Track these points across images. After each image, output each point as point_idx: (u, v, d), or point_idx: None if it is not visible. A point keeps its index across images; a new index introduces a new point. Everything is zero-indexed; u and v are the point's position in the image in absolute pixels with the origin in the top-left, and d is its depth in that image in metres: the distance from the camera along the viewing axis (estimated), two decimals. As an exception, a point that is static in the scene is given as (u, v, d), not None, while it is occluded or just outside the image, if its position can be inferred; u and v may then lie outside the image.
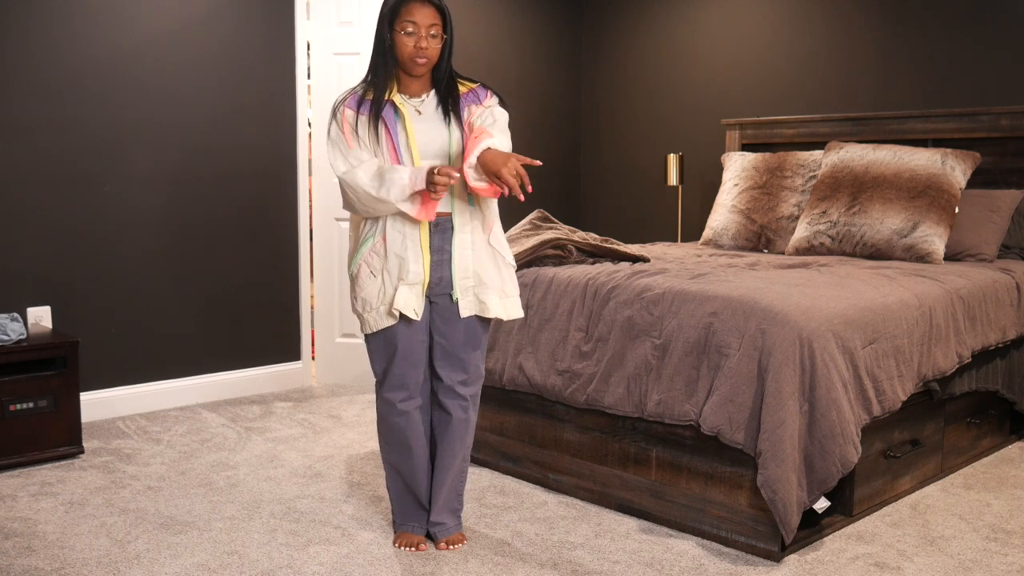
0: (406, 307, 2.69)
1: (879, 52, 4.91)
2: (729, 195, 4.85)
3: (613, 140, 6.14)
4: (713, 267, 3.64)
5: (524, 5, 5.89)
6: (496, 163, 2.55)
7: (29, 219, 4.07)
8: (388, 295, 2.71)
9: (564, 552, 2.86)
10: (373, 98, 2.71)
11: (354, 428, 4.21)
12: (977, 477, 3.56)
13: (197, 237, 4.57)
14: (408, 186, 2.60)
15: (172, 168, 4.47)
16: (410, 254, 2.69)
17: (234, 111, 4.65)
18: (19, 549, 2.86)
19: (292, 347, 4.98)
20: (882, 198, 4.20)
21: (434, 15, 2.67)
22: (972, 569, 2.76)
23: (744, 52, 5.45)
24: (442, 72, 2.76)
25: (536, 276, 3.48)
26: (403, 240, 2.70)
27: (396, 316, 2.72)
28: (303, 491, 3.38)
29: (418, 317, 2.72)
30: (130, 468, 3.63)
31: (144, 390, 4.45)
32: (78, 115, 4.17)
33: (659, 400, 3.01)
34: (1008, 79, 4.48)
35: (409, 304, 2.70)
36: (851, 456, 2.82)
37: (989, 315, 3.61)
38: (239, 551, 2.85)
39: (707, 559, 2.83)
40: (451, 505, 2.93)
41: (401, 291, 2.69)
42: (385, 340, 2.77)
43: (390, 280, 2.71)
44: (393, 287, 2.70)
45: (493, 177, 2.56)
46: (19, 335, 3.70)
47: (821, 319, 2.87)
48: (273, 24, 4.76)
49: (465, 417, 2.87)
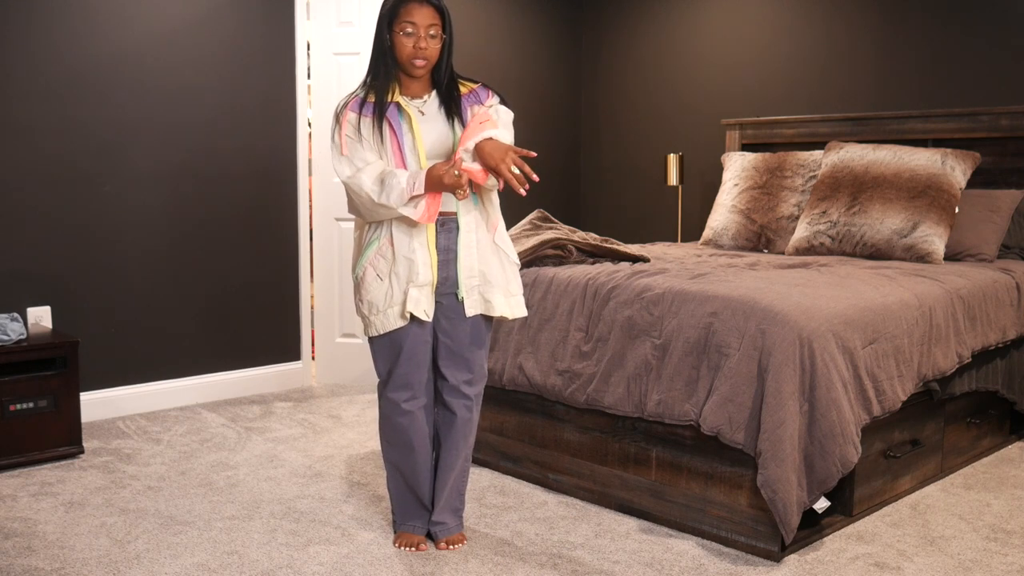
0: (417, 309, 2.69)
1: (879, 52, 4.91)
2: (729, 195, 4.85)
3: (613, 140, 6.14)
4: (713, 267, 3.64)
5: (524, 5, 5.89)
6: (494, 156, 2.55)
7: (29, 219, 4.07)
8: (396, 297, 2.71)
9: (564, 552, 2.86)
10: (376, 100, 2.71)
11: (354, 428, 4.21)
12: (977, 477, 3.56)
13: (197, 237, 4.58)
14: (407, 191, 2.60)
15: (172, 168, 4.47)
16: (418, 255, 2.69)
17: (234, 111, 4.65)
18: (19, 549, 2.86)
19: (292, 347, 4.98)
20: (882, 198, 4.20)
21: (433, 15, 2.67)
22: (972, 569, 2.76)
23: (744, 52, 5.45)
24: (442, 73, 2.76)
25: (536, 276, 3.48)
26: (410, 242, 2.69)
27: (407, 318, 2.72)
28: (303, 491, 3.38)
29: (429, 318, 2.72)
30: (130, 468, 3.63)
31: (144, 390, 4.45)
32: (78, 115, 4.17)
33: (659, 400, 3.01)
34: (1008, 79, 4.48)
35: (420, 306, 2.70)
36: (851, 456, 2.82)
37: (989, 315, 3.61)
38: (239, 551, 2.85)
39: (707, 559, 2.83)
40: (453, 505, 2.93)
41: (412, 293, 2.69)
42: (390, 341, 2.76)
43: (398, 283, 2.70)
44: (402, 290, 2.70)
45: (491, 171, 2.56)
46: (19, 335, 3.70)
47: (821, 319, 2.87)
48: (273, 24, 4.76)
49: (469, 416, 2.87)
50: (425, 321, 2.73)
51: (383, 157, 2.70)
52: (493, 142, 2.59)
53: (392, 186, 2.61)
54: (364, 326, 2.80)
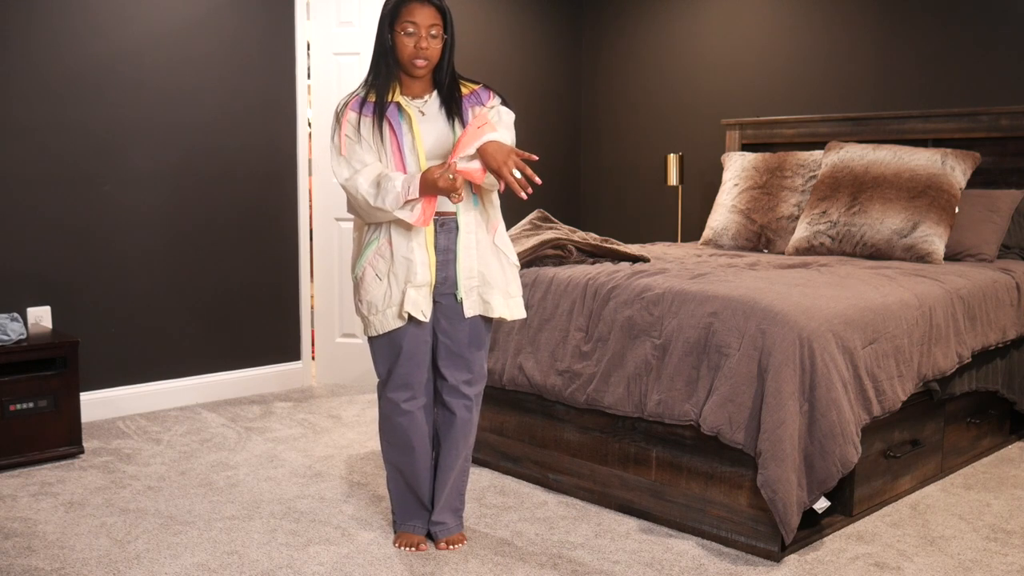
0: (415, 309, 2.69)
1: (879, 52, 4.91)
2: (729, 195, 4.85)
3: (613, 140, 6.14)
4: (713, 267, 3.64)
5: (524, 5, 5.89)
6: (496, 158, 2.55)
7: (29, 219, 4.07)
8: (395, 298, 2.71)
9: (564, 552, 2.86)
10: (376, 99, 2.70)
11: (354, 428, 4.21)
12: (977, 477, 3.56)
13: (197, 237, 4.58)
14: (402, 194, 2.59)
15: (172, 168, 4.47)
16: (417, 256, 2.69)
17: (234, 111, 4.65)
18: (19, 549, 2.86)
19: (292, 347, 4.98)
20: (882, 198, 4.20)
21: (434, 15, 2.67)
22: (972, 569, 2.76)
23: (744, 52, 5.45)
24: (444, 73, 2.75)
25: (536, 276, 3.48)
26: (409, 242, 2.69)
27: (405, 318, 2.72)
28: (303, 491, 3.38)
29: (426, 319, 2.72)
30: (130, 468, 3.63)
31: (144, 390, 4.45)
32: (78, 115, 4.17)
33: (659, 400, 3.01)
34: (1008, 79, 4.48)
35: (418, 306, 2.70)
36: (851, 456, 2.82)
37: (989, 315, 3.61)
38: (239, 551, 2.85)
39: (707, 559, 2.83)
40: (453, 504, 2.93)
41: (409, 293, 2.69)
42: (390, 341, 2.77)
43: (397, 283, 2.70)
44: (400, 290, 2.70)
45: (493, 173, 2.56)
46: (19, 335, 3.70)
47: (821, 319, 2.87)
48: (273, 24, 4.76)
49: (469, 417, 2.87)
50: (424, 321, 2.74)
51: (383, 157, 2.70)
52: (495, 144, 2.59)
53: (388, 190, 2.60)
54: (363, 326, 2.80)
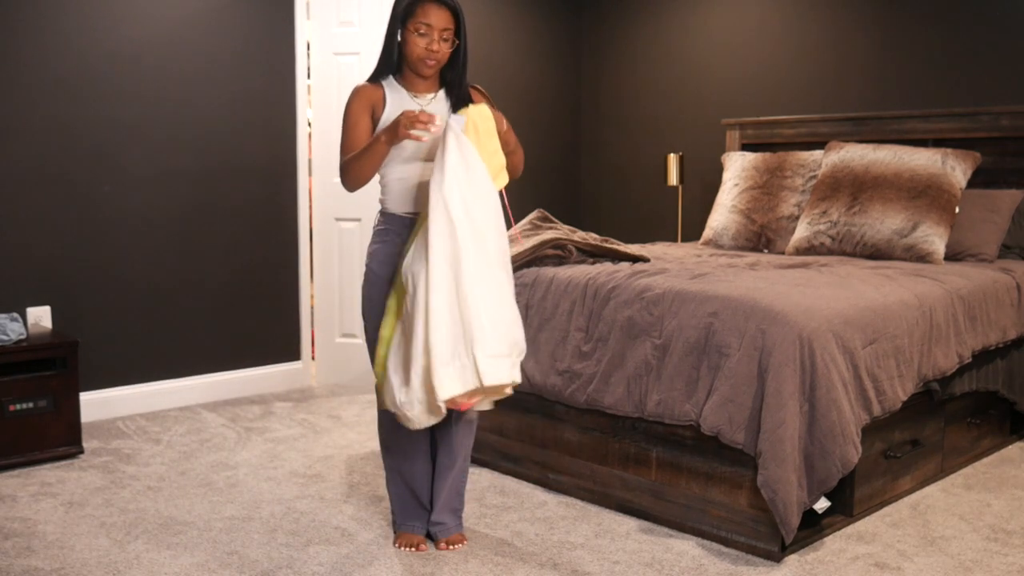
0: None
1: (879, 52, 4.91)
2: (729, 195, 4.85)
3: (613, 140, 6.14)
4: (713, 267, 3.64)
5: (524, 5, 5.89)
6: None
7: (29, 219, 4.07)
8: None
9: (564, 552, 2.86)
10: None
11: (354, 428, 4.21)
12: (977, 477, 3.56)
13: (197, 237, 4.57)
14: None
15: (172, 168, 4.46)
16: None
17: (234, 111, 4.64)
18: (19, 549, 2.86)
19: (292, 347, 4.98)
20: (882, 198, 4.20)
21: (449, 19, 2.67)
22: (972, 569, 2.76)
23: (744, 52, 5.44)
24: (455, 74, 2.76)
25: (536, 276, 3.48)
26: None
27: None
28: (303, 491, 3.38)
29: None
30: (130, 468, 3.63)
31: (144, 390, 4.45)
32: (78, 116, 4.17)
33: (659, 400, 3.00)
34: (1008, 79, 4.48)
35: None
36: (851, 456, 2.82)
37: (989, 315, 3.61)
38: (239, 551, 2.85)
39: (707, 559, 2.83)
40: (452, 505, 2.93)
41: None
42: None
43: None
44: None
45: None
46: (19, 335, 3.70)
47: (821, 319, 2.86)
48: (273, 24, 4.76)
49: (468, 417, 2.87)
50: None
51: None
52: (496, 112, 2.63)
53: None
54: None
